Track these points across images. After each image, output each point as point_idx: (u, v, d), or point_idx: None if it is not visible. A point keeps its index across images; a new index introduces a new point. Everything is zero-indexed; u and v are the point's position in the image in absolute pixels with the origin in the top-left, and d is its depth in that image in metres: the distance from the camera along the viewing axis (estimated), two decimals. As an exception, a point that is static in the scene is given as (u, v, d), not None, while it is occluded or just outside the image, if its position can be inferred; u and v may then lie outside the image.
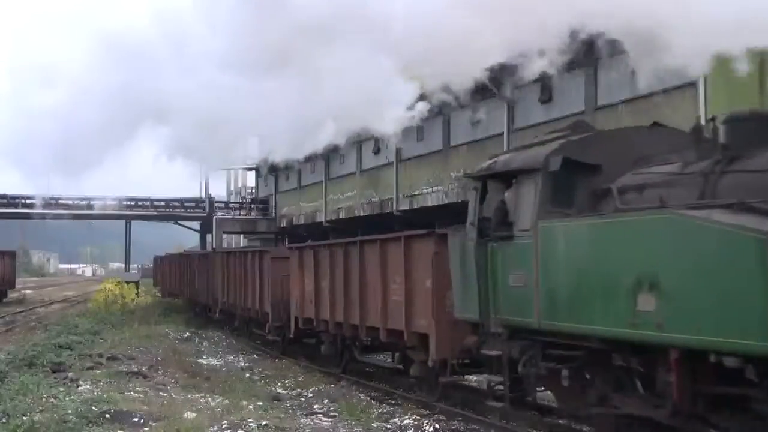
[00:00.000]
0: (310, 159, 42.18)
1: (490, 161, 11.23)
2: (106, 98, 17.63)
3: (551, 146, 10.00)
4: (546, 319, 9.28)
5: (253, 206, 52.89)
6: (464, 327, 11.57)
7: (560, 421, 11.51)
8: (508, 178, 10.52)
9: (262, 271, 21.41)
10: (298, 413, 12.73)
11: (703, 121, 18.45)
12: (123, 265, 62.41)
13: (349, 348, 16.60)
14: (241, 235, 65.08)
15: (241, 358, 20.68)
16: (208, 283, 28.38)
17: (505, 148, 25.79)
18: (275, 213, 50.11)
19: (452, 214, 29.74)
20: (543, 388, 10.59)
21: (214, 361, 19.85)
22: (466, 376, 13.82)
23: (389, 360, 17.19)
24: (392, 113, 14.41)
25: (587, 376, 9.37)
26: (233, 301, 24.72)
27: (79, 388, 13.48)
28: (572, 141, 9.98)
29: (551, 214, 9.40)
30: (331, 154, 40.68)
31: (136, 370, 16.05)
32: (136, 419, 11.02)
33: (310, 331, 18.12)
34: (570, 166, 9.47)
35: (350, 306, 15.63)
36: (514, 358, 10.02)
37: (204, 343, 23.58)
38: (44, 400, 12.11)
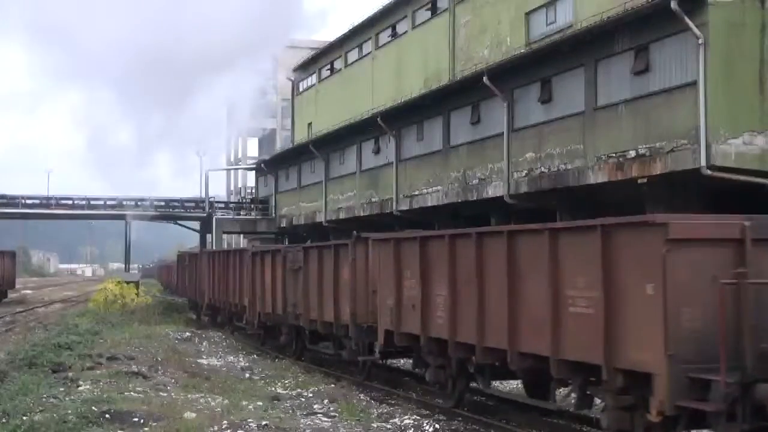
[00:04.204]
0: (308, 159, 42.36)
1: None
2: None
3: None
4: None
5: (253, 206, 52.93)
6: None
7: (560, 422, 11.51)
8: None
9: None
10: (298, 413, 12.71)
11: (702, 120, 18.56)
12: (123, 265, 62.42)
13: None
14: (241, 235, 65.11)
15: (241, 358, 20.67)
16: (326, 301, 17.39)
17: (505, 148, 25.83)
18: (275, 213, 50.15)
19: (452, 214, 30.01)
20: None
21: (214, 361, 19.84)
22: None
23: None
24: None
25: None
26: (452, 332, 11.82)
27: (79, 388, 13.46)
28: None
29: None
30: (331, 154, 40.79)
31: (136, 370, 16.02)
32: (136, 419, 11.01)
33: None
34: None
35: None
36: None
37: (204, 343, 23.58)
38: (44, 400, 12.09)
